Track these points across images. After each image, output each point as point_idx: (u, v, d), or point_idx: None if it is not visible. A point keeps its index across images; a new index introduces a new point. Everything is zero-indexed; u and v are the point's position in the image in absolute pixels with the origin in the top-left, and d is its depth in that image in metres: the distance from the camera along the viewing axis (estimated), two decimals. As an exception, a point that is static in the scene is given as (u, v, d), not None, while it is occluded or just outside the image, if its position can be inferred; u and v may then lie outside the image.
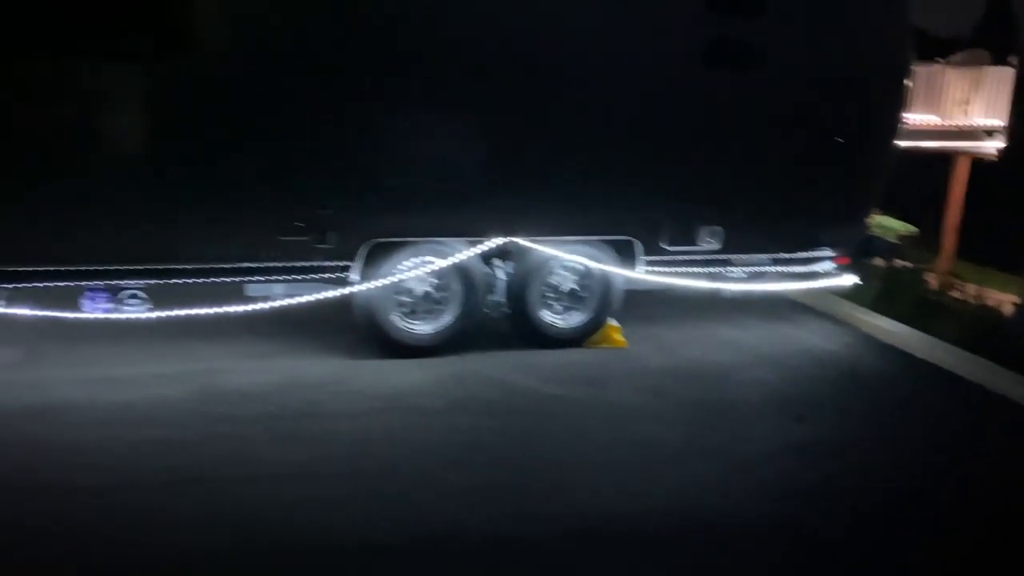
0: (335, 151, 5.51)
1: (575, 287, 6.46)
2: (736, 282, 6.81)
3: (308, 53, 5.34)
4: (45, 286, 5.24)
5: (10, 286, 5.23)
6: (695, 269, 6.59)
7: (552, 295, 6.43)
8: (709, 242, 6.50)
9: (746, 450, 5.03)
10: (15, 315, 5.30)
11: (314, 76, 5.37)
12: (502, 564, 3.85)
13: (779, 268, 6.85)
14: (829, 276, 6.98)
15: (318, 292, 5.86)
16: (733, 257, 6.64)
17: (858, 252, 7.11)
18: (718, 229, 6.48)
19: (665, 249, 6.44)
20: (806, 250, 6.84)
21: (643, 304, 7.14)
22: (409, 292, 6.08)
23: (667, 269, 6.51)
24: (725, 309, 7.42)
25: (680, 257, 6.51)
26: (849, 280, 7.07)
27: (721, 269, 6.70)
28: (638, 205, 6.30)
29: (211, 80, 5.21)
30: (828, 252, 6.89)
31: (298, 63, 5.33)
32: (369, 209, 5.72)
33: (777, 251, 6.78)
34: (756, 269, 6.80)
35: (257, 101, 5.31)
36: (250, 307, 5.76)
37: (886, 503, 4.53)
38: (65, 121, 5.05)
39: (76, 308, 5.42)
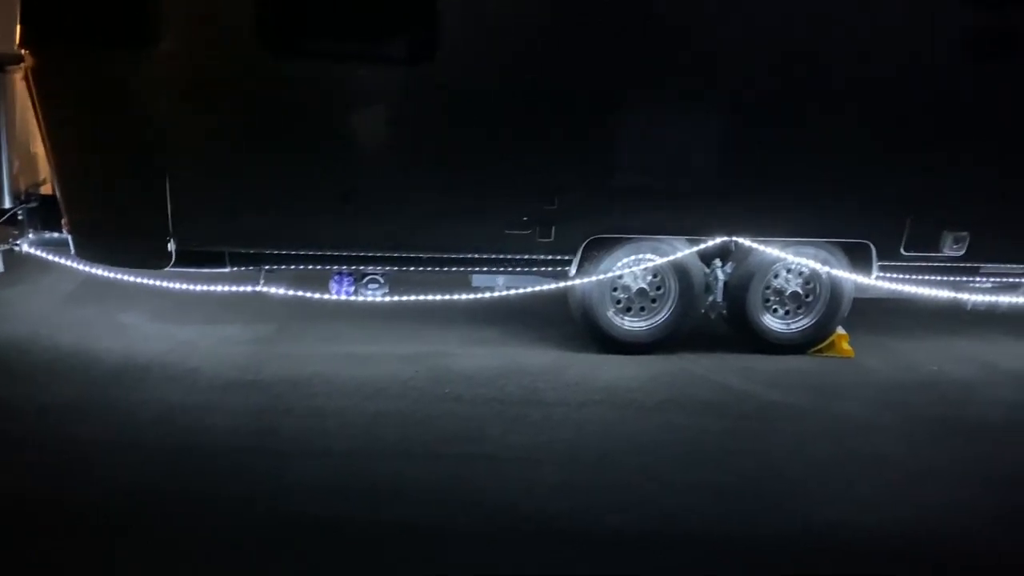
0: (567, 150, 5.62)
1: (800, 291, 6.21)
2: (981, 293, 6.28)
3: (554, 60, 5.45)
4: (297, 268, 5.75)
5: (267, 268, 5.77)
6: (935, 277, 6.14)
7: (775, 298, 6.22)
8: (954, 249, 6.02)
9: (992, 473, 4.65)
10: (270, 294, 5.86)
11: (556, 82, 5.49)
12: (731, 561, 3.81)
13: (1035, 279, 6.24)
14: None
15: (537, 284, 6.06)
16: (981, 266, 6.12)
17: None
18: (964, 235, 5.99)
19: (903, 254, 6.03)
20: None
21: (871, 313, 6.74)
22: (625, 288, 6.10)
23: (903, 276, 6.10)
24: (966, 322, 6.84)
25: (919, 264, 6.09)
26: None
27: (965, 278, 6.20)
28: (877, 207, 5.92)
29: (466, 84, 5.44)
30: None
31: (545, 69, 5.47)
32: (593, 206, 5.79)
33: (1033, 261, 6.19)
34: (1007, 280, 6.24)
35: (504, 105, 5.52)
36: (474, 296, 6.07)
37: None
38: (333, 121, 5.46)
39: (323, 290, 5.92)
